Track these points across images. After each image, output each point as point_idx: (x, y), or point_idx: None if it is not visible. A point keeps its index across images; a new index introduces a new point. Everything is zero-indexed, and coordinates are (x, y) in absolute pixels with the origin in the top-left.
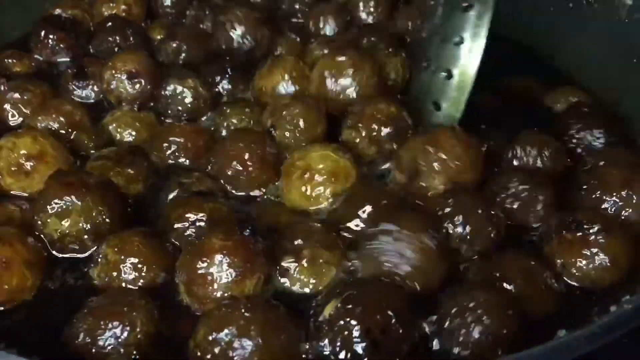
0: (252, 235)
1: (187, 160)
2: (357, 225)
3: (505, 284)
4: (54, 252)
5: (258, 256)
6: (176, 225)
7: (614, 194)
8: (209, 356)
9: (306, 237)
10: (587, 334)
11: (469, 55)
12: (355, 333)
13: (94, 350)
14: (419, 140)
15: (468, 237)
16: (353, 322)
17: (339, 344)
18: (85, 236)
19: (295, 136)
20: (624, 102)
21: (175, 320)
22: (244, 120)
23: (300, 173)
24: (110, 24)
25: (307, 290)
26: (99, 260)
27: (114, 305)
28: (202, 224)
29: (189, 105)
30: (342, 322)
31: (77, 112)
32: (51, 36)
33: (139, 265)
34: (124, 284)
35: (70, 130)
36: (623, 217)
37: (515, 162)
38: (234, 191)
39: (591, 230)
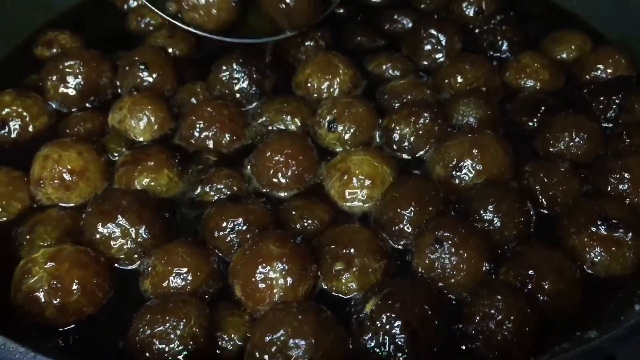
0: (302, 241)
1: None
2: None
3: (539, 284)
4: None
5: (311, 264)
6: (216, 234)
7: None
8: (266, 356)
9: (356, 245)
10: (617, 336)
11: None
12: (396, 326)
13: (154, 342)
14: (467, 141)
15: (499, 225)
16: (394, 316)
17: (381, 337)
18: (135, 255)
19: (353, 135)
20: None
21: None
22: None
23: (339, 175)
24: None
25: (354, 295)
26: (148, 272)
27: (169, 304)
28: (242, 227)
29: None
30: (383, 317)
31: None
32: None
33: (185, 274)
34: (173, 292)
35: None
36: None
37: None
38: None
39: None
